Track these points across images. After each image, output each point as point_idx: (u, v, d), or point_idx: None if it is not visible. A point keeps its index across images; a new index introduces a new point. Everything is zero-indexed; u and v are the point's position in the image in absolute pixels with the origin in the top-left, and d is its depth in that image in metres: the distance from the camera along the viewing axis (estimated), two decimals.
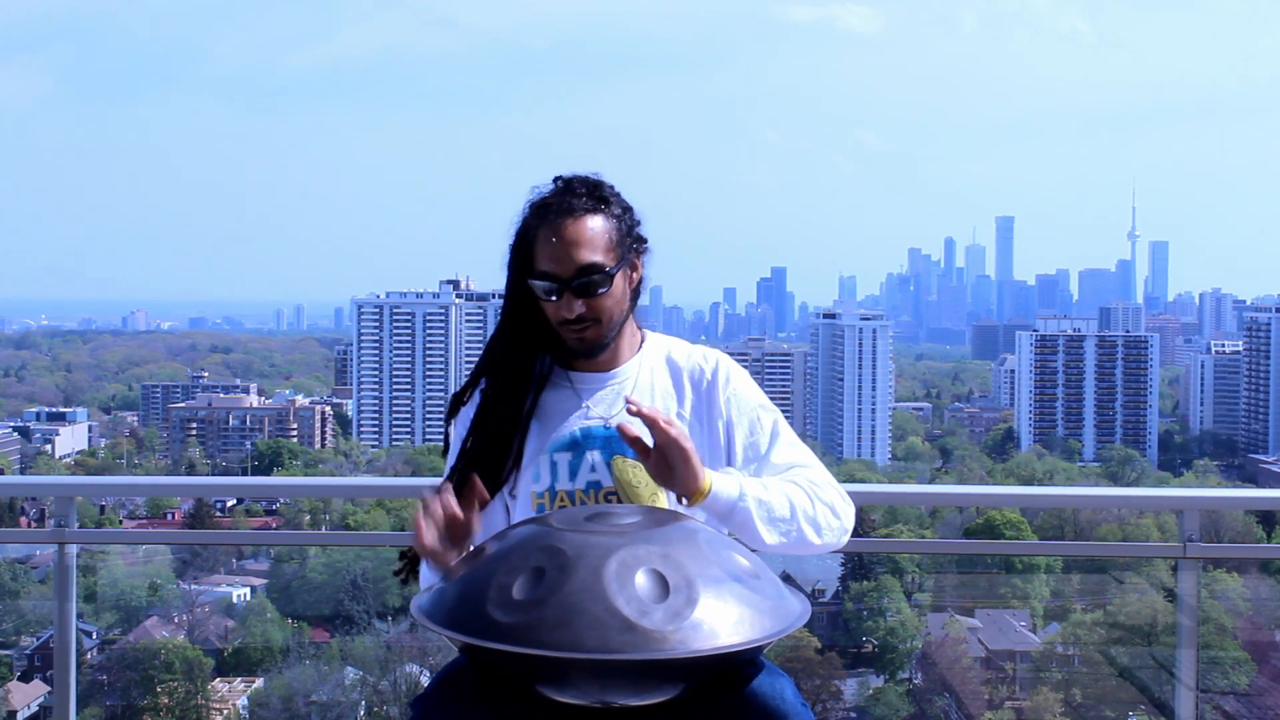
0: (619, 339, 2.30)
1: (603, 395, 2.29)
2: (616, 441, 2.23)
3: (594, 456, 2.24)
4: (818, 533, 2.19)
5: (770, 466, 2.27)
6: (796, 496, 2.18)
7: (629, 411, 2.06)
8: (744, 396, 2.31)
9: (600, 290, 2.21)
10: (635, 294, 2.32)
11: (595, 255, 2.19)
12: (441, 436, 2.39)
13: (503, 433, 2.27)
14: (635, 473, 2.22)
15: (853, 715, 5.52)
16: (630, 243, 2.27)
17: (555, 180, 2.27)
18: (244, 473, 72.63)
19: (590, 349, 2.25)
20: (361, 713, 5.15)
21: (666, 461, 2.06)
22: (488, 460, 2.24)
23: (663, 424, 2.04)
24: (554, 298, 2.20)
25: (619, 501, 2.24)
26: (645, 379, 2.31)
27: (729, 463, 2.29)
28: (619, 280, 2.24)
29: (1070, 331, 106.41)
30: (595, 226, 2.21)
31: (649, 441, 2.07)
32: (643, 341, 2.36)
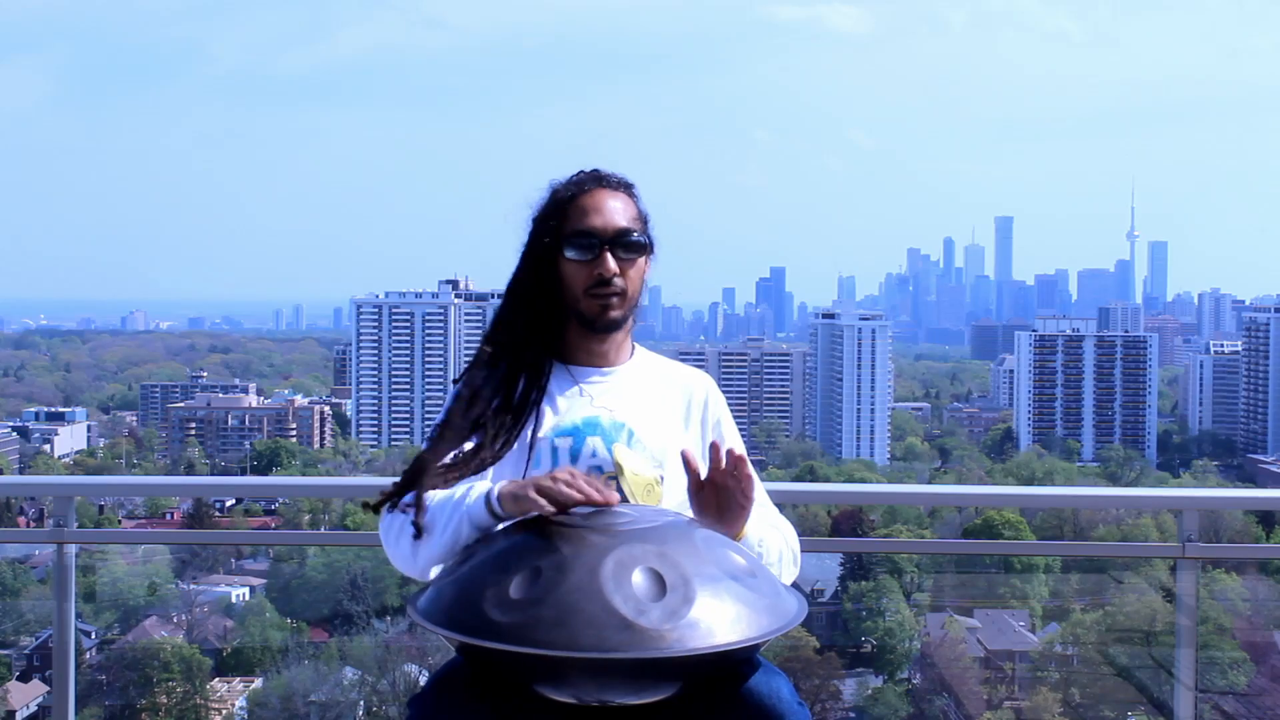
0: (619, 337, 2.38)
1: (604, 389, 2.34)
2: (617, 430, 2.29)
3: (595, 443, 2.29)
4: (781, 578, 2.27)
5: None
6: (780, 545, 2.28)
7: (713, 454, 2.11)
8: (726, 425, 2.43)
9: (636, 254, 2.30)
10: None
11: (632, 224, 2.31)
12: None
13: (515, 414, 2.27)
14: (633, 458, 2.25)
15: (851, 715, 5.52)
16: (650, 234, 2.37)
17: (580, 171, 2.36)
18: (243, 472, 72.61)
19: (609, 322, 2.31)
20: (360, 712, 5.15)
21: (733, 500, 2.11)
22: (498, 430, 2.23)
23: (744, 463, 2.09)
24: (592, 255, 2.26)
25: (618, 487, 2.25)
26: (642, 381, 2.38)
27: None
28: (641, 261, 2.33)
29: (1069, 332, 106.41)
30: (630, 204, 2.34)
31: (703, 473, 2.13)
32: (633, 350, 2.44)
